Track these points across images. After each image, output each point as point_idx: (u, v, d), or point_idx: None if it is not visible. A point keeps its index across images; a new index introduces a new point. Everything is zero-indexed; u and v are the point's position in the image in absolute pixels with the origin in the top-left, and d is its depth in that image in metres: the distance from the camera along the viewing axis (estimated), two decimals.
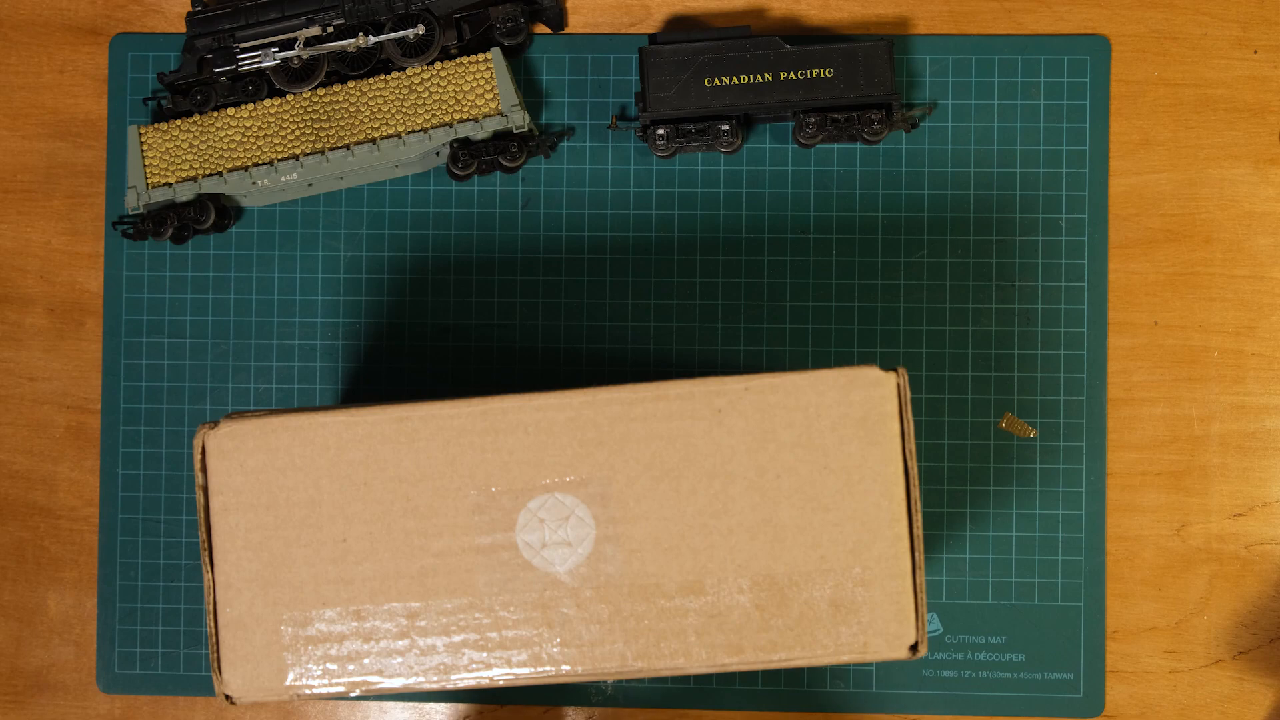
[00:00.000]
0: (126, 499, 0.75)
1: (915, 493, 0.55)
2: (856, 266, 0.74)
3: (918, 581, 0.55)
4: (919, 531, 0.55)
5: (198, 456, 0.56)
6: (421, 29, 0.73)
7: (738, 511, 0.55)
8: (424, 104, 0.73)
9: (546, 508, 0.55)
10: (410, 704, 0.75)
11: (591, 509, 0.55)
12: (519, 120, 0.72)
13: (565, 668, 0.55)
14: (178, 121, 0.74)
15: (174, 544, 0.75)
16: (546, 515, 0.55)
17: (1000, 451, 0.74)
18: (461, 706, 0.74)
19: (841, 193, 0.74)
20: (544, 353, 0.75)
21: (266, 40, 0.73)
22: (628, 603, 0.55)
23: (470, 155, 0.73)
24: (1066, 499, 0.74)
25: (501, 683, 0.56)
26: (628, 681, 0.74)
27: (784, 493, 0.54)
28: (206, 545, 0.57)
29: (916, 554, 0.55)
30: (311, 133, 0.73)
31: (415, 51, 0.74)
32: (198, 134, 0.73)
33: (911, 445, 0.55)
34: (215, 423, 0.56)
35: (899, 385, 0.55)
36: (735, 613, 0.55)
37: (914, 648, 0.55)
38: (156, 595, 0.75)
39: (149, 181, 0.73)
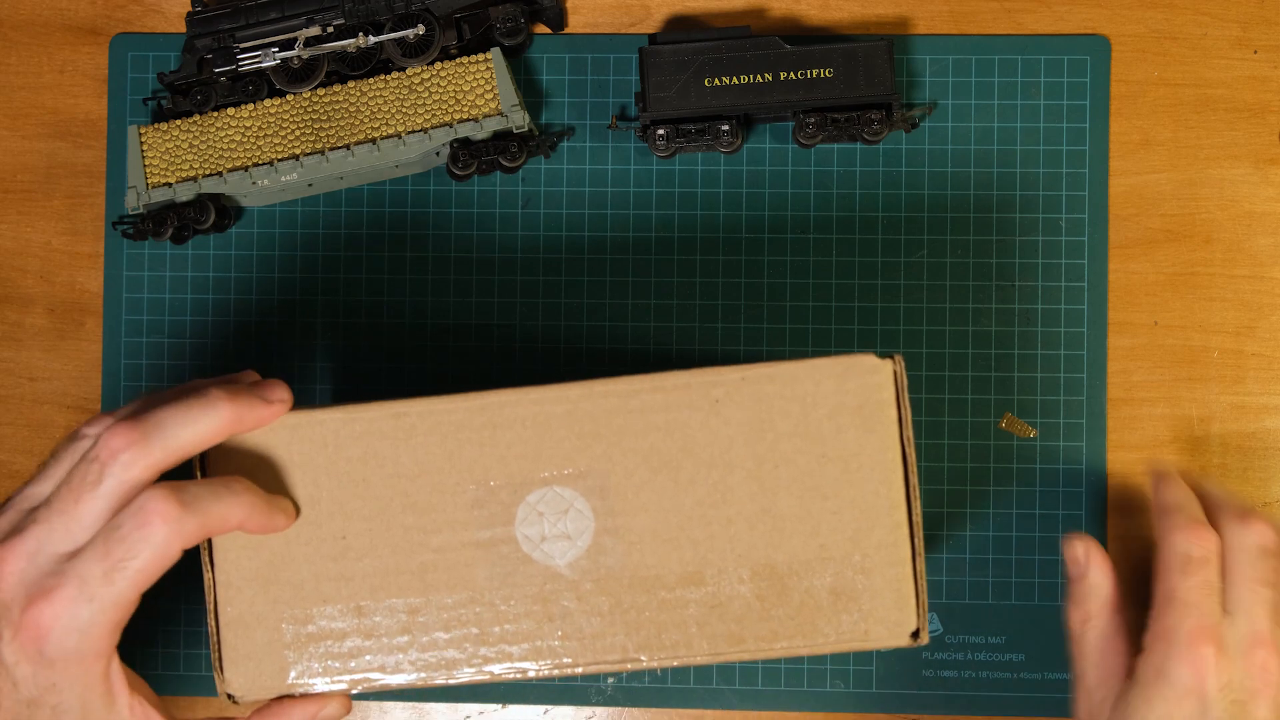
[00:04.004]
0: None
1: (914, 479, 0.55)
2: (856, 266, 0.74)
3: (918, 568, 0.55)
4: (918, 518, 0.55)
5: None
6: (421, 29, 0.73)
7: (736, 501, 0.55)
8: (424, 104, 0.73)
9: (545, 501, 0.55)
10: (410, 704, 0.75)
11: (590, 502, 0.55)
12: (519, 120, 0.72)
13: (566, 660, 0.55)
14: (178, 121, 0.74)
15: None
16: (545, 509, 0.55)
17: (1000, 451, 0.74)
18: (462, 706, 0.74)
19: (841, 193, 0.75)
20: (544, 353, 0.75)
21: (266, 40, 0.74)
22: (628, 595, 0.55)
23: (470, 155, 0.73)
24: (1066, 499, 0.73)
25: (503, 677, 0.56)
26: (628, 680, 0.74)
27: (782, 482, 0.55)
28: (206, 544, 0.57)
29: (916, 541, 0.55)
30: (311, 133, 0.73)
31: (415, 51, 0.74)
32: (198, 134, 0.73)
33: (909, 432, 0.55)
34: None
35: (895, 372, 0.55)
36: (736, 603, 0.55)
37: (915, 634, 0.55)
38: (156, 594, 0.75)
39: (149, 181, 0.73)
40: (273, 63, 0.74)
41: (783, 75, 0.71)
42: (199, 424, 0.54)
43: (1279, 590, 0.62)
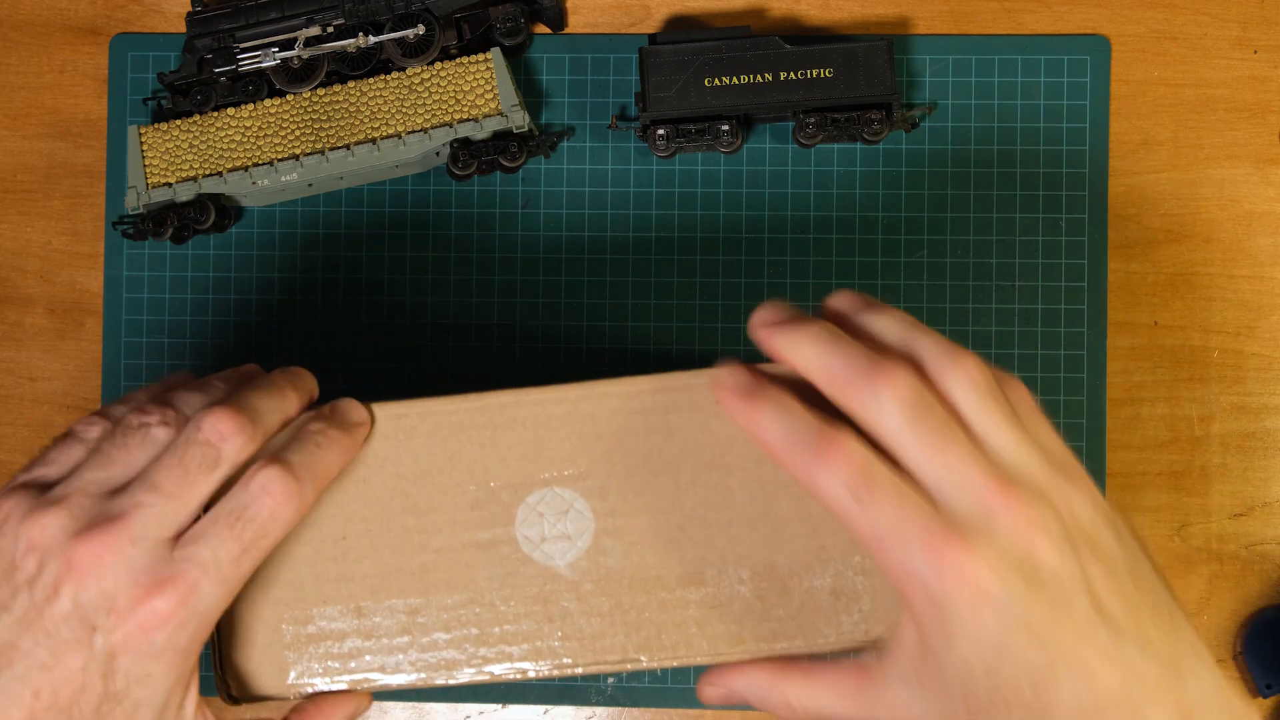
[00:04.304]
0: None
1: None
2: (856, 266, 0.74)
3: None
4: None
5: None
6: (421, 29, 0.73)
7: (737, 503, 0.55)
8: (424, 104, 0.73)
9: (545, 502, 0.55)
10: (410, 704, 0.75)
11: (590, 502, 0.55)
12: (519, 120, 0.72)
13: (567, 660, 0.55)
14: (178, 121, 0.74)
15: None
16: (545, 509, 0.55)
17: None
18: (462, 706, 0.74)
19: (841, 193, 0.75)
20: (544, 353, 0.75)
21: (266, 40, 0.74)
22: (628, 595, 0.55)
23: (470, 155, 0.73)
24: None
25: (504, 677, 0.56)
26: (628, 680, 0.74)
27: (783, 483, 0.54)
28: None
29: None
30: (311, 133, 0.73)
31: (415, 51, 0.74)
32: (198, 134, 0.73)
33: None
34: None
35: None
36: (736, 603, 0.54)
37: None
38: None
39: (149, 181, 0.73)
40: (273, 63, 0.74)
41: (783, 75, 0.71)
42: (282, 410, 0.55)
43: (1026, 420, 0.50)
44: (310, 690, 0.56)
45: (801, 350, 0.50)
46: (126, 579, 0.49)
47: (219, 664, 0.56)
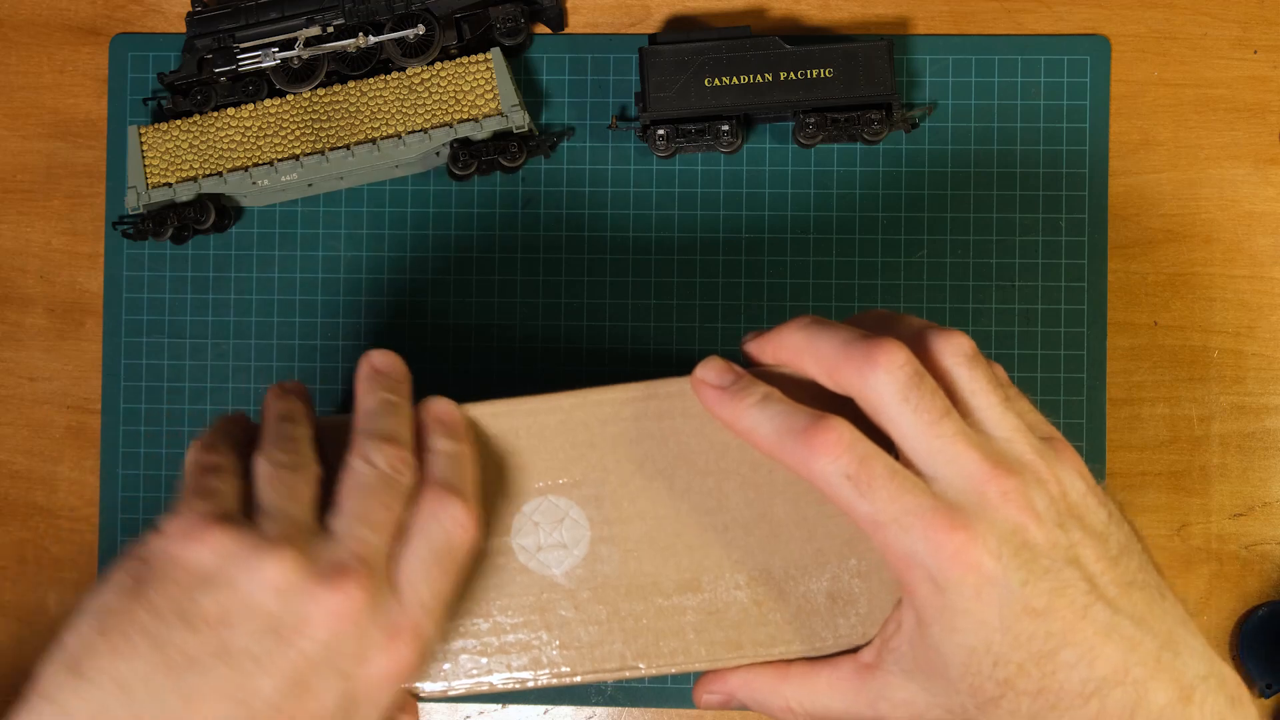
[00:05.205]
0: (126, 499, 0.75)
1: None
2: (856, 266, 0.74)
3: None
4: None
5: None
6: (421, 29, 0.73)
7: (732, 508, 0.55)
8: (424, 104, 0.73)
9: (541, 511, 0.55)
10: None
11: (586, 511, 0.55)
12: (519, 120, 0.72)
13: (565, 669, 0.55)
14: (178, 121, 0.74)
15: None
16: (541, 519, 0.55)
17: None
18: (462, 706, 0.74)
19: (841, 193, 0.74)
20: (544, 352, 0.75)
21: (266, 40, 0.74)
22: (625, 603, 0.55)
23: (470, 155, 0.73)
24: None
25: (502, 687, 0.56)
26: (628, 681, 0.74)
27: (778, 487, 0.54)
28: None
29: None
30: (311, 133, 0.73)
31: (415, 51, 0.74)
32: (198, 134, 0.73)
33: None
34: None
35: None
36: (733, 609, 0.54)
37: None
38: None
39: (149, 181, 0.73)
40: (273, 63, 0.74)
41: (783, 75, 0.71)
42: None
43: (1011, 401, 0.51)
44: None
45: (792, 338, 0.51)
46: (373, 624, 0.48)
47: None
